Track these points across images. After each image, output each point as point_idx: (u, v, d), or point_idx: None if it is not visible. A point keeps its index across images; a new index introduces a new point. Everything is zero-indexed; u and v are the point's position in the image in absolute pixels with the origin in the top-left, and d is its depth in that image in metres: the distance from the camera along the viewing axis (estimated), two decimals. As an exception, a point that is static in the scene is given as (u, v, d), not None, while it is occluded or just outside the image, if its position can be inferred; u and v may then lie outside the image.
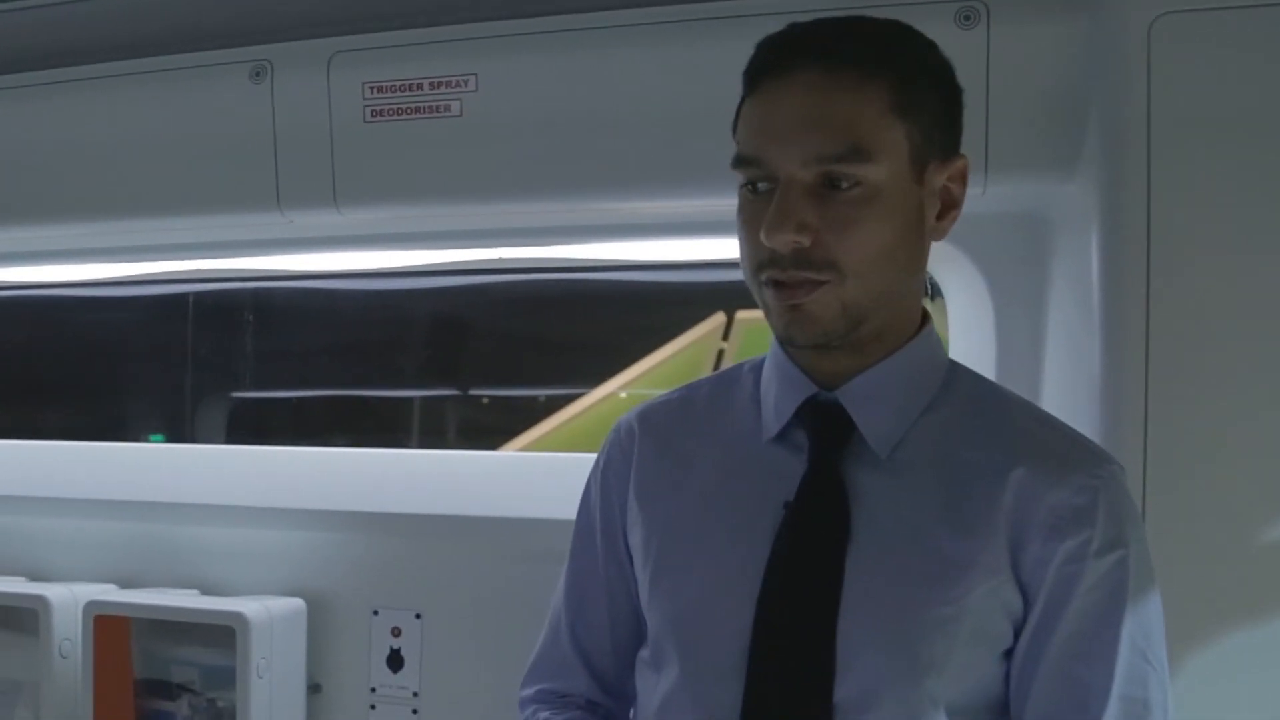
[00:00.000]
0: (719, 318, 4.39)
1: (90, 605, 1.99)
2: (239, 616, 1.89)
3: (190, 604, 1.99)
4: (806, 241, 1.10)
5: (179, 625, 1.97)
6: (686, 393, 1.34)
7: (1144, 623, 1.14)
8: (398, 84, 1.76)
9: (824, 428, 1.20)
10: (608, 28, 1.70)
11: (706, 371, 4.28)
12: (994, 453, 1.17)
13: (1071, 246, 1.58)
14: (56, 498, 2.21)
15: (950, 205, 1.18)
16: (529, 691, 1.39)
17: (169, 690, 2.01)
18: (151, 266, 2.26)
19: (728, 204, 1.29)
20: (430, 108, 1.75)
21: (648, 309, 4.43)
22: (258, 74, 1.82)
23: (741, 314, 4.36)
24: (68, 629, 2.02)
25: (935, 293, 1.93)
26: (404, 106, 1.76)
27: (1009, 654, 1.16)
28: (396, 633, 1.98)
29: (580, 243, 2.00)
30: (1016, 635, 1.16)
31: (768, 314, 1.17)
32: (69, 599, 2.03)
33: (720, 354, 4.37)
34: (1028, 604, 1.15)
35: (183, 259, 2.16)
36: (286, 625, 1.96)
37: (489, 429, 4.80)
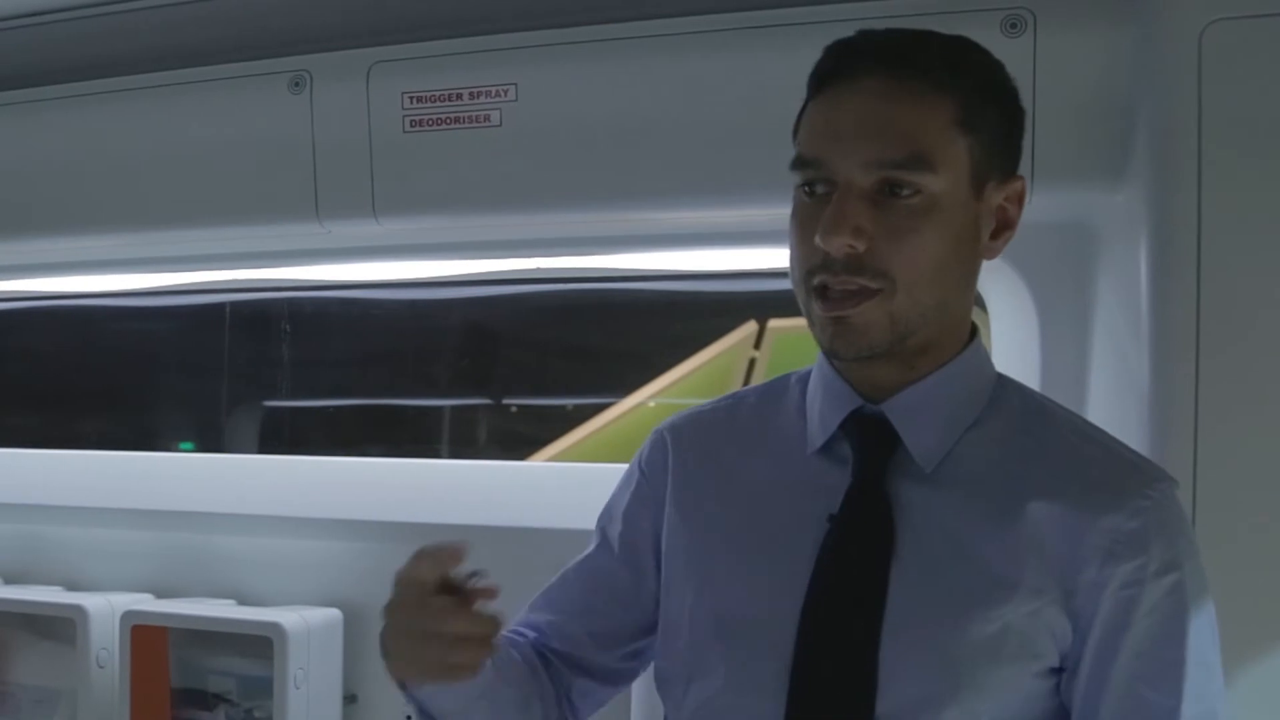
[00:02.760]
0: (750, 327, 4.37)
1: (127, 615, 2.00)
2: (276, 627, 1.89)
3: (227, 614, 2.00)
4: (861, 246, 1.09)
5: (216, 635, 1.97)
6: (732, 401, 1.33)
7: (1204, 639, 1.13)
8: (437, 94, 1.75)
9: (869, 441, 1.19)
10: (646, 37, 1.69)
11: (737, 381, 4.27)
12: (1042, 471, 1.16)
13: (1119, 257, 1.56)
14: (94, 507, 2.22)
15: (1005, 226, 1.17)
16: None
17: (206, 700, 2.01)
18: (190, 276, 2.27)
19: (762, 214, 1.28)
20: (469, 118, 1.74)
21: (679, 318, 4.42)
22: (297, 84, 1.82)
23: (773, 323, 4.34)
24: (105, 639, 2.03)
25: (977, 302, 1.91)
26: (443, 116, 1.75)
27: (1054, 672, 1.15)
28: (433, 644, 1.97)
29: (617, 252, 2.00)
30: (1061, 655, 1.14)
31: (812, 325, 1.16)
32: (106, 609, 2.04)
33: (752, 363, 4.35)
34: (1079, 626, 1.13)
35: (221, 269, 2.17)
36: (323, 636, 1.96)
37: (519, 438, 4.80)
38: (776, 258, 1.93)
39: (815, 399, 1.23)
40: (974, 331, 1.21)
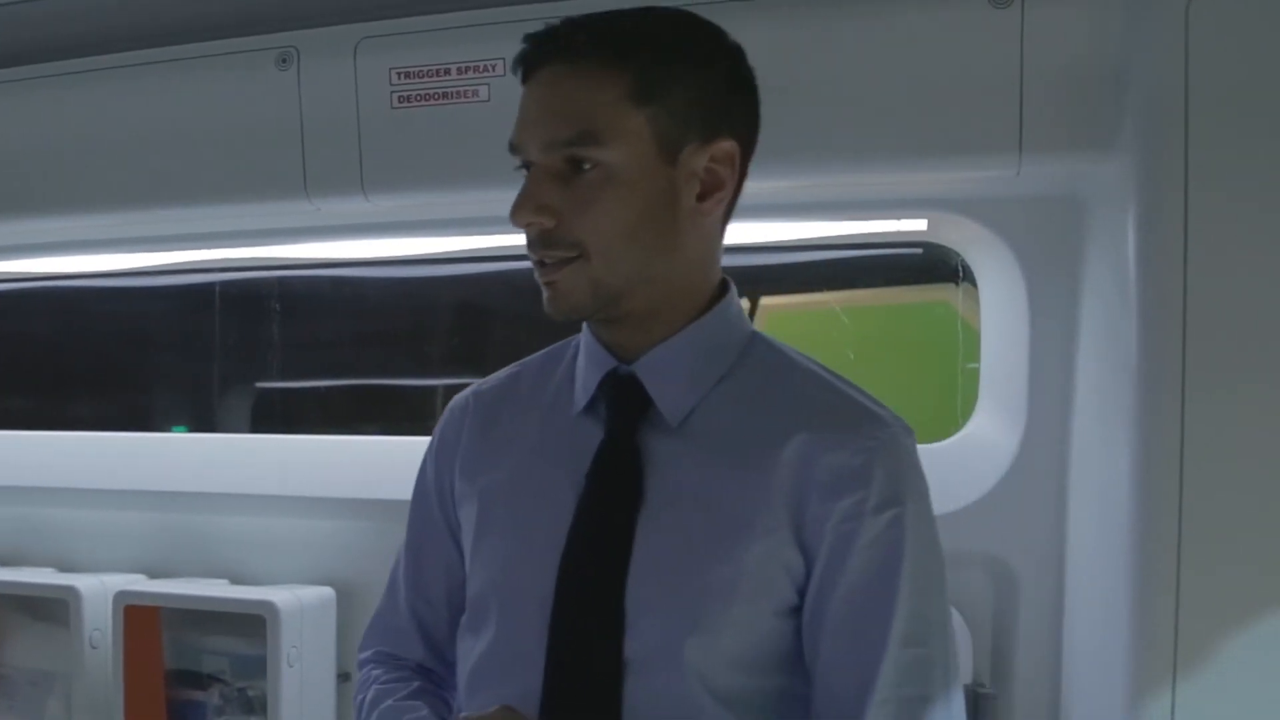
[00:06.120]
0: (743, 304, 4.36)
1: (120, 595, 2.00)
2: (269, 605, 1.90)
3: (220, 593, 2.00)
4: (549, 222, 1.19)
5: (209, 615, 1.97)
6: (518, 369, 1.42)
7: (921, 578, 1.20)
8: (425, 69, 1.75)
9: (621, 399, 1.27)
10: (634, 11, 1.68)
11: (730, 358, 4.25)
12: (780, 418, 1.23)
13: (1107, 229, 1.56)
14: (86, 488, 2.22)
15: (714, 187, 1.23)
16: (367, 653, 1.45)
17: (199, 680, 2.02)
18: (179, 256, 2.26)
19: (757, 187, 1.29)
20: (458, 93, 1.74)
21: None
22: (284, 61, 1.81)
23: (766, 300, 4.33)
24: (98, 619, 2.03)
25: (966, 276, 1.92)
26: (431, 92, 1.75)
27: (795, 611, 1.22)
28: (426, 621, 1.97)
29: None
30: (800, 594, 1.21)
31: None
32: (99, 589, 2.04)
33: (744, 340, 4.33)
34: (809, 563, 1.20)
35: (210, 247, 2.16)
36: (316, 614, 1.96)
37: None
38: (769, 232, 1.93)
39: (581, 363, 1.32)
40: (724, 292, 1.29)
